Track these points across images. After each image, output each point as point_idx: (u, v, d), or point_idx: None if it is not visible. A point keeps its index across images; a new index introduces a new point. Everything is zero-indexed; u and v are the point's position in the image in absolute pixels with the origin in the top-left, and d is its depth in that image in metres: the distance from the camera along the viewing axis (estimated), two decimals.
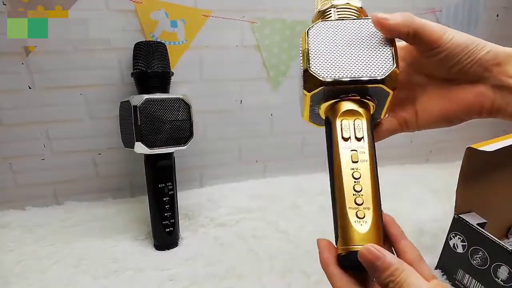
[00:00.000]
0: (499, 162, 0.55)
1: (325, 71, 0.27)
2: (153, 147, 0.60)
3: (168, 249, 0.66)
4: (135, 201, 0.81)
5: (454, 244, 0.56)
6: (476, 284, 0.53)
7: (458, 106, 0.28)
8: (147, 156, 0.64)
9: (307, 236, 0.69)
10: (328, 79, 0.27)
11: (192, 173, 0.85)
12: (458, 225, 0.55)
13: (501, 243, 0.49)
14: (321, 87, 0.27)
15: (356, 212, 0.25)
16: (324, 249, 0.27)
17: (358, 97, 0.28)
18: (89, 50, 0.69)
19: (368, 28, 0.28)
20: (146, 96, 0.59)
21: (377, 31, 0.28)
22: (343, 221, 0.26)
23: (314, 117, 0.31)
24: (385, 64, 0.27)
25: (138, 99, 0.59)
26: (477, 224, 0.53)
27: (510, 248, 0.48)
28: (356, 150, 0.27)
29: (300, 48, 0.29)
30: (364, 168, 0.26)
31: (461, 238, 0.55)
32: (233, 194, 0.83)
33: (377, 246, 0.24)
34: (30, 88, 0.68)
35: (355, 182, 0.26)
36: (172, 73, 0.66)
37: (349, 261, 0.25)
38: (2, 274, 0.58)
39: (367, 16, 0.30)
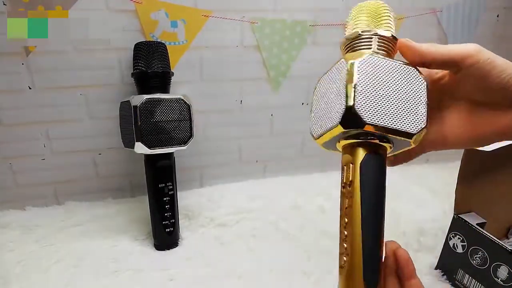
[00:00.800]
0: (498, 161, 0.55)
1: (369, 113, 0.25)
2: (153, 147, 0.60)
3: (168, 249, 0.66)
4: (135, 201, 0.81)
5: (454, 244, 0.56)
6: (476, 284, 0.53)
7: (491, 130, 0.28)
8: (147, 156, 0.64)
9: (307, 236, 0.69)
10: (371, 122, 0.25)
11: (192, 173, 0.85)
12: (457, 225, 0.55)
13: (501, 243, 0.49)
14: (361, 128, 0.25)
15: (340, 258, 0.26)
16: None
17: (377, 141, 0.27)
18: (89, 50, 0.69)
19: (410, 77, 0.27)
20: (146, 96, 0.59)
21: (415, 82, 0.27)
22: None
23: (327, 144, 0.30)
24: (419, 121, 0.26)
25: (138, 99, 0.59)
26: (477, 224, 0.53)
27: (510, 248, 0.48)
28: (347, 196, 0.27)
29: (338, 77, 0.27)
30: (350, 214, 0.26)
31: (461, 238, 0.55)
32: (233, 194, 0.83)
33: None
34: (30, 88, 0.69)
35: (344, 228, 0.27)
36: (172, 73, 0.66)
37: None
38: (2, 274, 0.58)
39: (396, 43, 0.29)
